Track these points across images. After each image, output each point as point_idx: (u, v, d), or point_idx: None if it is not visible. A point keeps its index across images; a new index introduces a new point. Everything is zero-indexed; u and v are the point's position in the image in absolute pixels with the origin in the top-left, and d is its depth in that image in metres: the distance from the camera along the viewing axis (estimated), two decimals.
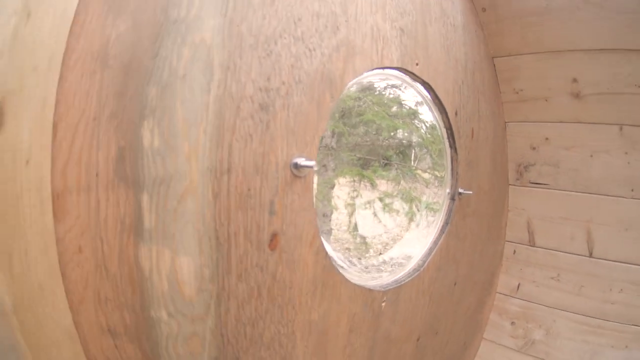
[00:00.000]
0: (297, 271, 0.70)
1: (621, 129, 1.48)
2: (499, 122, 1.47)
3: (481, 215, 1.33)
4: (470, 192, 1.18)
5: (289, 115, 0.66)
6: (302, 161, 0.68)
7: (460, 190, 1.18)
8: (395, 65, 0.91)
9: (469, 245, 1.27)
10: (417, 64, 0.97)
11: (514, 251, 1.64)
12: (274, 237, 0.66)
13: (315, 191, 0.80)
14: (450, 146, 1.17)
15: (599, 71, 1.41)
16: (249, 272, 0.63)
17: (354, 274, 1.08)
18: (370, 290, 0.88)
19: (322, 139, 0.75)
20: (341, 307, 0.80)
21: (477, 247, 1.34)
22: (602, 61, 1.40)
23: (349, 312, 0.82)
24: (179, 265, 0.56)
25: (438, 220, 1.22)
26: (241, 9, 0.60)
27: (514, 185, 1.61)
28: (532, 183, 1.60)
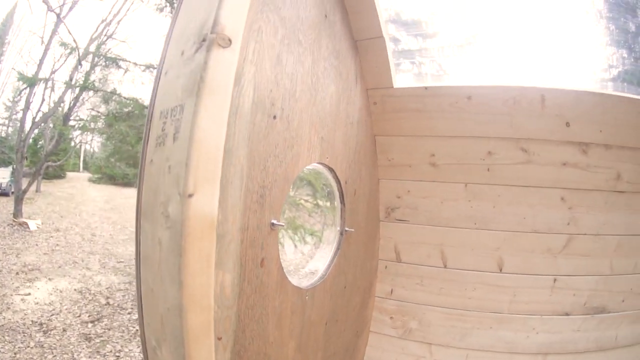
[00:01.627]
0: (270, 277, 1.30)
1: (466, 185, 1.95)
2: (374, 180, 2.16)
3: (360, 243, 2.07)
4: (352, 230, 1.95)
5: (270, 199, 1.27)
6: (276, 222, 1.29)
7: (346, 229, 1.93)
8: (316, 161, 1.59)
9: (352, 262, 2.00)
10: (327, 158, 1.69)
11: (386, 266, 2.20)
12: (262, 260, 1.25)
13: None
14: (341, 202, 1.92)
15: (452, 150, 1.93)
16: (252, 279, 1.20)
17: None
18: (300, 288, 1.52)
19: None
20: (288, 297, 1.42)
21: (358, 263, 2.07)
22: (455, 143, 1.93)
23: (291, 301, 1.44)
24: (225, 278, 1.09)
25: (333, 247, 1.94)
26: (255, 142, 1.18)
27: (384, 221, 2.19)
28: (397, 220, 2.15)
